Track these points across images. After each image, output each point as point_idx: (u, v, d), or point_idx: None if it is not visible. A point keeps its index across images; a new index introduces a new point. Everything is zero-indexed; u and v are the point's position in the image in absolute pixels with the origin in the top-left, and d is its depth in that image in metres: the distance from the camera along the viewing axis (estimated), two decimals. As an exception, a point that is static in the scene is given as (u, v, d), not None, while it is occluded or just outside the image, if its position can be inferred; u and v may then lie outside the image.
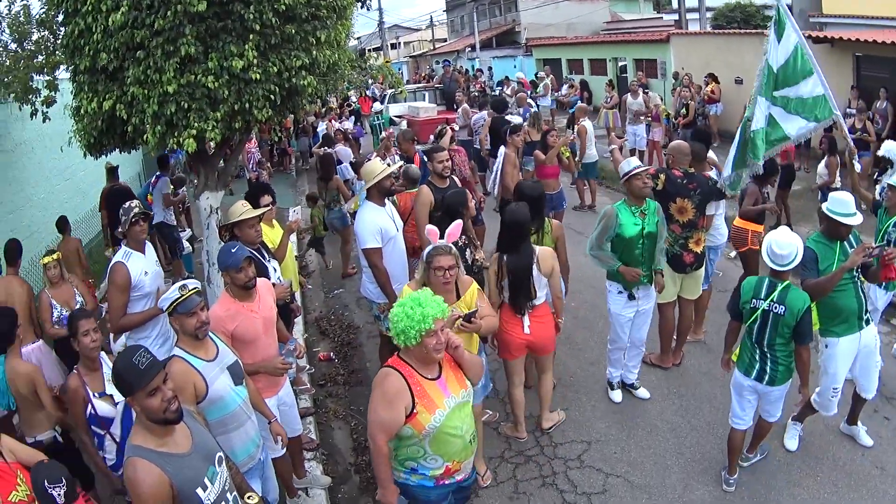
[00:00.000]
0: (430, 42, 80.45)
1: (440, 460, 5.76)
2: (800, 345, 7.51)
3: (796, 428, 9.02)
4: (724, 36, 29.86)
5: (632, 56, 36.72)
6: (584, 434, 9.22)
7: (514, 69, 47.66)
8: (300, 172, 27.31)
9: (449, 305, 6.33)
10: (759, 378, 7.83)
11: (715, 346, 10.71)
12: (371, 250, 9.11)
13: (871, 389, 8.57)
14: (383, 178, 9.36)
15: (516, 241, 8.34)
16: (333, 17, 9.76)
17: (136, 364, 4.47)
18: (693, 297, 10.61)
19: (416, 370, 5.61)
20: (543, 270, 8.30)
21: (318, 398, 10.36)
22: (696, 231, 10.04)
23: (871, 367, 8.46)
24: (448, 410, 5.62)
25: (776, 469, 8.55)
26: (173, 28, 8.31)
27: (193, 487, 4.61)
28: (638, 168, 9.02)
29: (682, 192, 9.86)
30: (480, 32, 57.74)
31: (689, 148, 10.46)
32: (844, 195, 8.07)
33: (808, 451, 8.84)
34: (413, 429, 5.52)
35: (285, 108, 9.97)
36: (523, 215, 8.37)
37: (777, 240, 7.60)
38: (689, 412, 9.64)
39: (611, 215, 8.96)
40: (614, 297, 9.43)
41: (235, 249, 6.72)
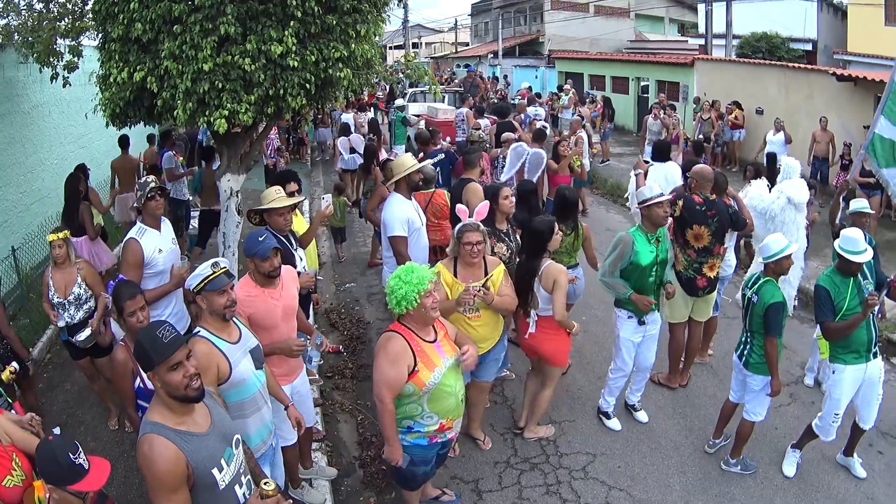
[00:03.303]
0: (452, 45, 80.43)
1: (436, 417, 6.46)
2: (766, 335, 8.17)
3: (795, 455, 9.14)
4: (749, 65, 29.82)
5: (655, 77, 36.62)
6: (590, 447, 9.28)
7: (536, 79, 47.91)
8: (315, 163, 27.32)
9: (477, 280, 7.88)
10: (741, 357, 8.62)
11: (720, 370, 11.03)
12: (399, 238, 9.34)
13: (870, 420, 8.74)
14: (413, 173, 9.56)
15: (531, 247, 8.64)
16: (374, 11, 9.75)
17: (160, 337, 4.47)
18: (703, 318, 10.68)
19: (415, 333, 6.32)
20: (543, 284, 8.45)
21: (324, 390, 10.36)
22: (712, 257, 10.08)
23: (872, 399, 8.62)
24: (444, 369, 6.33)
25: (773, 494, 8.65)
26: (214, 6, 8.32)
27: (210, 468, 4.62)
28: (660, 197, 9.04)
29: (699, 219, 9.91)
30: (504, 40, 57.80)
31: (713, 174, 10.39)
32: (854, 233, 8.25)
33: (805, 479, 8.95)
34: (415, 385, 6.19)
35: (318, 97, 9.97)
36: (539, 227, 8.57)
37: (768, 238, 8.42)
38: (693, 432, 9.75)
39: (627, 243, 8.96)
40: (624, 322, 9.39)
41: (263, 238, 6.71)
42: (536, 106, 27.19)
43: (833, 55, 33.09)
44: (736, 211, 10.45)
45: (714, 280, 10.31)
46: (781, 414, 10.07)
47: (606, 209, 21.00)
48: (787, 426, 9.81)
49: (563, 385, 10.32)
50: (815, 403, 9.08)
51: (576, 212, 10.50)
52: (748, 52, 35.28)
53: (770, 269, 8.29)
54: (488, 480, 8.56)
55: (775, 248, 8.19)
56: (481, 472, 8.70)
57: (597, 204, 20.95)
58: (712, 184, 10.22)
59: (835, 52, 33.10)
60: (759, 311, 8.18)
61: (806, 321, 11.34)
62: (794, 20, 35.34)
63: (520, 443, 9.25)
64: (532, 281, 8.48)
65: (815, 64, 31.32)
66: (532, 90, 36.70)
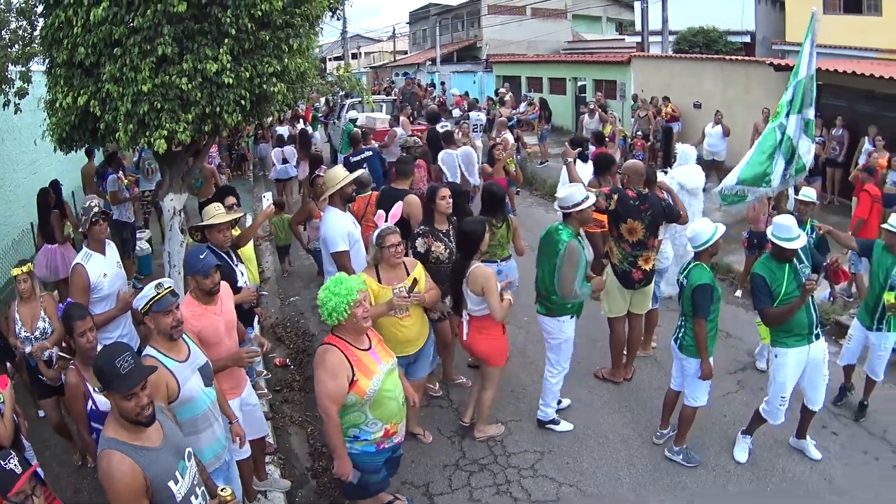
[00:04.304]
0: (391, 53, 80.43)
1: (380, 423, 6.54)
2: (694, 317, 8.39)
3: (746, 441, 9.23)
4: (685, 60, 30.38)
5: (592, 76, 37.00)
6: (538, 445, 9.35)
7: (474, 84, 47.91)
8: (257, 178, 27.14)
9: (400, 282, 8.09)
10: (676, 341, 8.84)
11: (665, 362, 10.98)
12: (342, 253, 9.39)
13: (819, 402, 8.89)
14: (346, 185, 9.65)
15: (464, 248, 8.78)
16: (306, 25, 9.80)
17: (119, 368, 4.55)
18: (642, 311, 10.90)
19: (350, 343, 6.39)
20: (471, 288, 8.55)
21: (274, 403, 10.38)
22: (646, 250, 10.30)
23: (818, 380, 8.77)
24: (382, 375, 6.43)
25: (727, 480, 8.76)
26: (152, 27, 8.31)
27: (166, 480, 4.72)
28: (588, 200, 9.13)
29: (633, 213, 10.12)
30: (442, 46, 57.81)
31: (644, 169, 10.68)
32: (787, 220, 8.46)
33: (758, 464, 9.06)
34: (356, 395, 6.25)
35: (254, 113, 10.01)
36: (471, 228, 8.71)
37: (691, 226, 8.86)
38: (640, 425, 9.86)
39: (576, 249, 9.00)
40: (567, 324, 9.40)
41: (204, 255, 6.83)
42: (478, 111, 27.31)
43: (772, 46, 33.56)
44: (669, 203, 10.69)
45: (650, 272, 10.52)
46: (729, 401, 10.28)
47: (546, 210, 21.00)
48: (736, 413, 9.97)
49: (507, 385, 10.44)
50: (764, 389, 9.10)
51: (504, 205, 10.73)
52: (685, 47, 35.68)
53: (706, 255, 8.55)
54: (438, 483, 8.63)
55: (706, 235, 8.42)
56: (431, 475, 8.76)
57: (536, 205, 21.13)
58: (644, 178, 10.47)
59: (773, 43, 33.53)
60: (687, 292, 8.43)
61: (751, 308, 11.52)
62: (732, 14, 35.73)
63: (467, 444, 9.34)
64: (461, 281, 8.66)
65: (754, 56, 31.76)
66: (469, 96, 37.26)
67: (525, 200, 21.98)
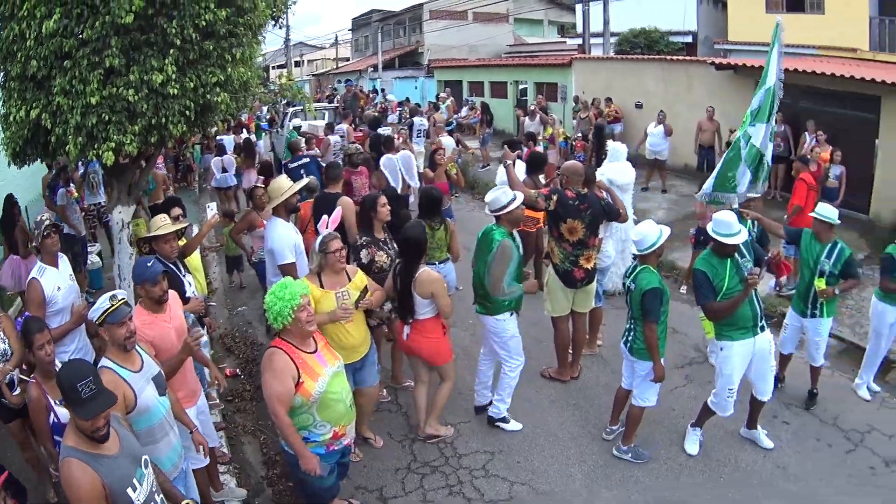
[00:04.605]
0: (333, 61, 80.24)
1: (328, 426, 6.64)
2: (644, 322, 8.45)
3: (696, 433, 9.41)
4: (626, 61, 30.58)
5: (533, 79, 37.20)
6: (488, 445, 9.44)
7: (416, 90, 48.08)
8: (203, 189, 26.98)
9: (343, 287, 8.14)
10: (626, 344, 8.94)
11: (611, 360, 11.36)
12: (290, 265, 9.57)
13: (767, 392, 9.10)
14: (291, 196, 9.80)
15: (407, 254, 8.84)
16: (249, 34, 9.79)
17: (80, 392, 4.66)
18: (585, 310, 10.99)
19: (296, 346, 6.50)
20: (420, 292, 8.67)
21: (226, 413, 10.38)
22: (587, 249, 10.40)
23: (766, 371, 8.98)
24: (328, 378, 6.53)
25: (679, 472, 8.94)
26: (100, 39, 8.23)
27: (124, 487, 4.82)
28: (515, 201, 9.34)
29: (573, 213, 10.23)
30: (384, 52, 57.85)
31: (583, 169, 10.80)
32: (726, 216, 8.62)
33: (710, 455, 9.24)
34: (302, 397, 6.36)
35: (198, 124, 10.00)
36: (413, 233, 8.84)
37: (636, 229, 8.82)
38: (590, 422, 10.00)
39: (509, 246, 9.19)
40: (509, 322, 9.51)
41: (151, 264, 6.98)
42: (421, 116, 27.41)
43: (714, 46, 33.95)
44: (609, 202, 10.82)
45: (592, 271, 10.63)
46: (678, 396, 10.45)
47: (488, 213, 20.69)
48: (685, 407, 10.15)
49: (454, 388, 10.20)
50: (712, 383, 9.29)
51: (441, 208, 10.95)
52: (627, 48, 36.00)
53: (653, 257, 8.61)
54: (392, 487, 8.68)
55: (652, 238, 8.49)
56: (384, 479, 8.81)
57: (478, 209, 21.14)
58: (583, 178, 10.61)
59: (715, 43, 33.94)
60: (636, 298, 8.48)
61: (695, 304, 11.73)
62: (674, 14, 36.16)
63: (418, 448, 9.41)
64: (410, 287, 8.71)
65: (696, 56, 32.16)
66: (410, 101, 37.50)
67: (467, 205, 22.21)
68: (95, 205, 16.47)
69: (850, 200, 18.74)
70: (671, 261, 16.16)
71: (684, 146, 23.80)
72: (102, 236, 16.56)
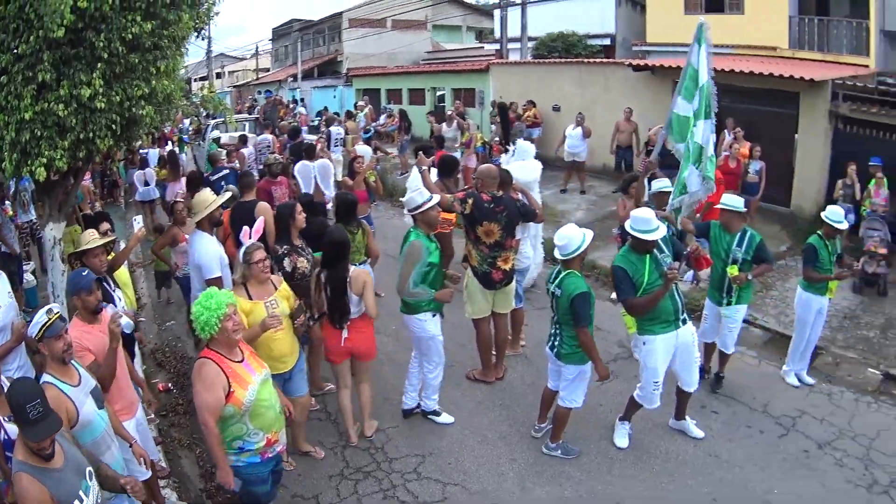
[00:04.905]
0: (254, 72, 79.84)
1: (261, 433, 6.70)
2: (576, 327, 8.46)
3: (625, 426, 9.64)
4: (543, 65, 30.87)
5: (451, 85, 37.40)
6: (418, 448, 9.56)
7: (335, 99, 48.07)
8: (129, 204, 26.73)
9: (270, 296, 8.22)
10: (552, 348, 8.96)
11: (535, 359, 11.50)
12: (217, 279, 9.57)
13: (693, 383, 9.34)
14: (214, 210, 9.86)
15: (334, 259, 8.87)
16: (173, 46, 9.76)
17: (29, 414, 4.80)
18: (505, 310, 11.12)
19: (224, 356, 6.52)
20: (355, 289, 8.81)
21: (162, 428, 10.33)
22: (505, 251, 10.51)
23: (690, 363, 9.22)
24: (257, 385, 6.58)
25: (610, 465, 9.12)
26: (33, 54, 8.18)
27: (71, 500, 4.95)
28: (431, 201, 9.47)
29: (489, 215, 10.35)
30: (304, 62, 57.65)
31: (497, 172, 10.94)
32: (644, 212, 8.80)
33: (641, 448, 9.46)
34: (234, 406, 6.39)
35: (124, 137, 9.95)
36: (341, 236, 8.95)
37: (559, 233, 8.66)
38: (518, 422, 10.13)
39: (418, 247, 9.28)
40: (430, 322, 9.65)
41: (86, 273, 7.13)
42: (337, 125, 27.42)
43: (632, 47, 34.33)
44: (524, 204, 11.06)
45: (510, 272, 10.76)
46: (605, 391, 10.46)
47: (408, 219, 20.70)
48: (612, 402, 10.32)
49: (381, 393, 10.69)
50: (637, 377, 9.51)
51: (356, 211, 11.16)
52: (544, 52, 36.21)
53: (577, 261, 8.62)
54: (327, 494, 8.74)
55: (576, 243, 8.50)
56: (319, 487, 8.86)
57: (398, 216, 21.21)
58: (498, 181, 10.76)
59: (634, 45, 34.32)
60: (564, 303, 8.50)
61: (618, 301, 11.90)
62: (592, 17, 36.41)
63: (350, 454, 9.48)
64: (345, 288, 8.78)
65: (614, 58, 32.34)
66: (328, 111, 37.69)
67: (386, 212, 22.32)
68: (28, 222, 16.21)
69: (771, 194, 19.42)
70: (592, 260, 16.30)
71: (602, 147, 24.10)
72: (35, 254, 16.38)
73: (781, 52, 26.95)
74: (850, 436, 9.94)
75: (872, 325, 13.90)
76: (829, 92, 19.86)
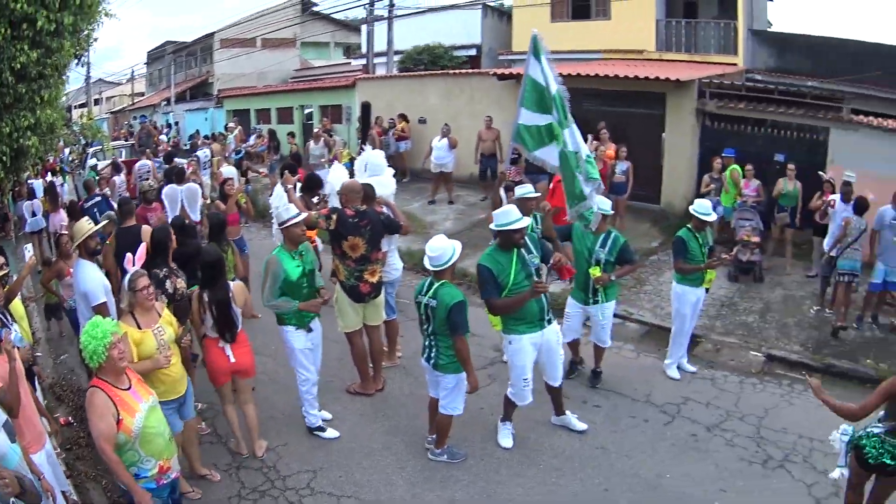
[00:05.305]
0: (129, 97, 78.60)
1: (153, 460, 6.85)
2: (453, 336, 8.68)
3: (506, 427, 9.98)
4: (410, 78, 31.35)
5: (318, 102, 37.40)
6: (307, 464, 9.70)
7: (206, 121, 47.66)
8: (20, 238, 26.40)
9: (156, 324, 8.25)
10: (428, 360, 9.18)
11: (413, 369, 11.67)
12: (103, 305, 9.77)
13: (557, 378, 9.81)
14: (89, 238, 9.98)
15: (214, 277, 9.22)
16: (56, 75, 9.82)
17: None
18: (376, 322, 11.42)
19: (112, 384, 6.63)
20: (238, 302, 9.25)
21: (68, 461, 10.14)
22: (371, 264, 10.81)
23: (555, 360, 9.67)
24: (144, 413, 6.71)
25: (497, 465, 9.45)
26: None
27: None
28: (297, 217, 9.77)
29: (353, 230, 10.60)
30: (177, 85, 56.66)
31: (360, 186, 11.13)
32: (506, 208, 9.15)
33: (526, 446, 9.82)
34: (124, 434, 6.49)
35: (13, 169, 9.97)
36: (215, 255, 9.36)
37: (430, 245, 8.86)
38: (401, 431, 10.45)
39: (275, 263, 9.54)
40: (293, 335, 9.89)
41: None
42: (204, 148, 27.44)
43: (498, 57, 34.65)
44: (388, 216, 11.36)
45: (378, 284, 11.04)
46: (484, 395, 10.57)
47: None
48: (493, 404, 10.55)
49: (267, 412, 10.80)
50: (510, 377, 9.82)
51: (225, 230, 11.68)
52: (410, 65, 36.57)
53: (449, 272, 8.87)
54: (227, 516, 8.85)
55: (448, 254, 8.74)
56: (218, 510, 8.93)
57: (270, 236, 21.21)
58: (361, 195, 10.96)
59: (500, 54, 34.64)
60: (441, 314, 8.68)
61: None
62: (458, 29, 36.78)
63: (244, 474, 9.58)
64: (229, 303, 9.11)
65: (480, 68, 32.91)
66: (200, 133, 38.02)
67: (259, 233, 22.35)
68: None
69: (641, 193, 20.42)
70: (462, 269, 16.13)
71: (469, 157, 24.52)
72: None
73: (649, 55, 27.95)
74: (738, 416, 10.62)
75: (751, 310, 14.80)
76: (695, 91, 20.91)
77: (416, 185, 26.20)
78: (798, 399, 11.32)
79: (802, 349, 13.29)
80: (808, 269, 17.45)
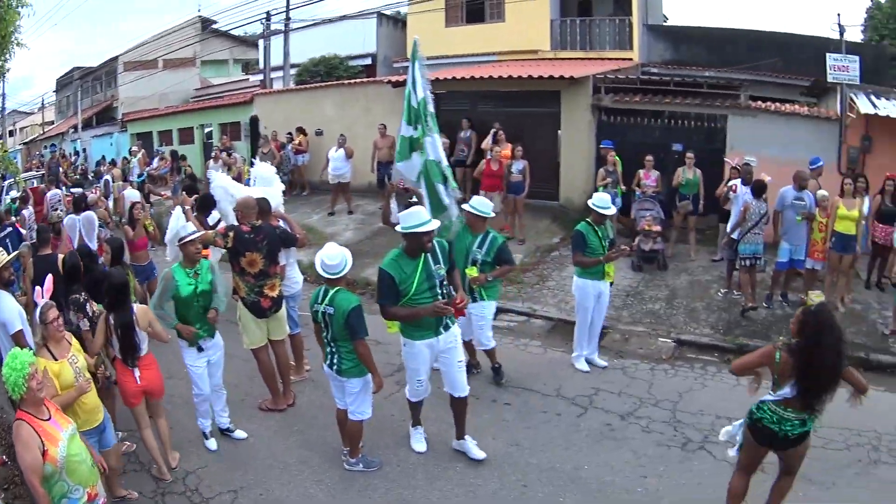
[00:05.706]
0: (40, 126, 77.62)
1: (81, 489, 6.90)
2: (353, 340, 8.83)
3: (418, 431, 10.14)
4: (305, 91, 31.49)
5: (217, 121, 37.35)
6: (229, 484, 9.64)
7: (111, 146, 47.49)
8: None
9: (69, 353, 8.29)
10: (331, 366, 9.27)
11: (323, 382, 11.04)
12: (20, 332, 9.85)
13: (459, 388, 9.55)
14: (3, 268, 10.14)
15: (120, 300, 9.30)
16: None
17: None
18: (280, 337, 11.49)
19: (34, 416, 6.69)
20: (142, 325, 9.24)
21: (8, 501, 10.03)
22: (270, 279, 10.93)
23: (452, 367, 9.48)
24: (66, 441, 6.75)
25: (413, 470, 9.58)
26: None
27: None
28: (193, 235, 10.17)
29: (250, 246, 10.72)
30: (83, 111, 55.87)
31: (254, 202, 11.24)
32: (413, 209, 9.11)
33: (441, 450, 9.95)
34: (50, 464, 6.54)
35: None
36: (122, 278, 9.61)
37: (326, 253, 9.01)
38: (315, 444, 10.48)
39: (169, 278, 9.85)
40: (186, 352, 10.08)
41: None
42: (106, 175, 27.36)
43: (393, 65, 35.09)
44: (284, 230, 11.55)
45: (278, 299, 11.16)
46: (394, 402, 11.00)
47: None
48: (403, 410, 10.53)
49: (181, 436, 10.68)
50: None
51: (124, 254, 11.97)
52: (307, 77, 36.58)
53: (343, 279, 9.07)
54: (154, 542, 8.94)
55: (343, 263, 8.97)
56: (143, 535, 8.94)
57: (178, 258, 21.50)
58: (256, 211, 11.10)
59: (395, 62, 35.07)
60: (339, 319, 8.78)
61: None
62: (354, 39, 36.88)
63: (169, 500, 9.46)
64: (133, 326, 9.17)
65: (376, 76, 33.02)
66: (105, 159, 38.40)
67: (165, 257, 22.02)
68: None
69: (540, 191, 20.84)
70: (364, 278, 17.07)
71: (366, 166, 24.83)
72: None
73: (543, 55, 28.57)
74: (651, 403, 10.93)
75: (657, 298, 15.41)
76: (590, 87, 21.57)
77: (316, 198, 26.33)
78: (712, 381, 11.76)
79: (713, 332, 13.89)
80: (713, 255, 18.19)
